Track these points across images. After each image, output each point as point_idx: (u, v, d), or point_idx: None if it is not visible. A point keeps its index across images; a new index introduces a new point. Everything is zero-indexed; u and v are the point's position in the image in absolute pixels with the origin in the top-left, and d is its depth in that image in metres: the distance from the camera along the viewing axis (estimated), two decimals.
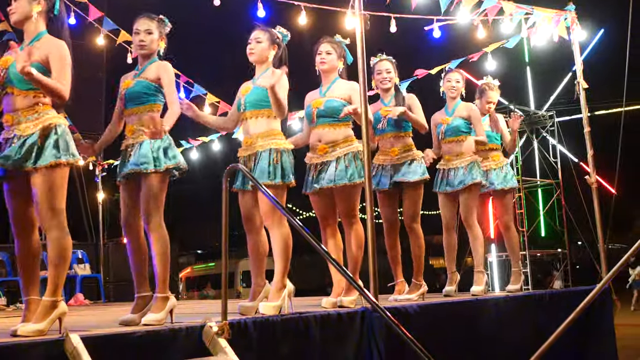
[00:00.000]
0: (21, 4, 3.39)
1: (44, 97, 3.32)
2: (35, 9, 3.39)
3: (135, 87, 3.75)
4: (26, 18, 3.41)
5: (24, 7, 3.39)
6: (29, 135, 3.23)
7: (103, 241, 11.29)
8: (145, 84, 3.73)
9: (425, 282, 5.26)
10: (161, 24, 3.89)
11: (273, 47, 4.29)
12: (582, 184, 13.08)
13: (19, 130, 3.26)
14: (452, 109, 5.65)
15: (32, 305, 3.28)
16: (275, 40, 4.31)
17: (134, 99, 3.75)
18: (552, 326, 4.19)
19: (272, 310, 3.83)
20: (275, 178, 4.00)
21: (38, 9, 3.40)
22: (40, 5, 3.41)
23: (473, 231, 5.52)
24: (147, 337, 3.02)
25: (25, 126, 3.26)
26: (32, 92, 3.30)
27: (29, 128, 3.25)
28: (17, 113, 3.29)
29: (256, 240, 4.21)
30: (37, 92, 3.30)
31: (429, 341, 3.31)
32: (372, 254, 4.08)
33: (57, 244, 3.22)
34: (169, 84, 3.75)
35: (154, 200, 3.59)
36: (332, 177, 4.40)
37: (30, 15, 3.40)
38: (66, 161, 3.26)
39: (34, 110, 3.29)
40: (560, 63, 13.27)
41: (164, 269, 3.60)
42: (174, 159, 3.67)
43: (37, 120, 3.27)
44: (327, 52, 4.61)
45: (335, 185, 4.39)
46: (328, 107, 4.50)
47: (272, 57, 4.30)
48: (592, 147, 6.02)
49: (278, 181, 4.01)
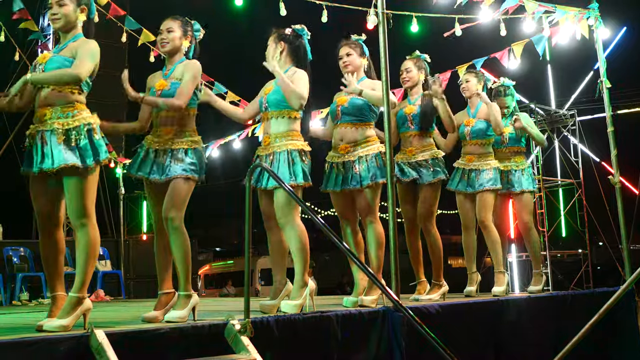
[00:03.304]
0: (67, 13, 3.47)
1: (78, 94, 3.38)
2: (80, 18, 3.51)
3: (171, 89, 3.75)
4: (71, 25, 3.50)
5: (71, 16, 3.49)
6: (58, 132, 3.27)
7: (124, 238, 11.38)
8: (177, 85, 3.75)
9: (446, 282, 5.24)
10: (185, 23, 3.92)
11: (280, 45, 4.29)
12: (603, 184, 12.99)
13: (45, 125, 3.30)
14: (475, 110, 5.63)
15: (59, 301, 3.33)
16: (290, 38, 4.31)
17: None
18: (575, 328, 4.16)
19: (294, 309, 3.84)
20: (290, 179, 4.00)
21: (83, 18, 3.52)
22: (84, 14, 3.52)
23: (490, 232, 5.48)
24: (171, 334, 3.04)
25: (55, 122, 3.30)
26: (68, 88, 3.35)
27: (58, 124, 3.29)
28: (55, 108, 3.33)
29: (277, 238, 4.22)
30: (73, 88, 3.36)
31: (450, 341, 3.30)
32: (394, 253, 4.07)
33: (86, 242, 3.26)
34: (189, 78, 3.75)
35: (180, 202, 3.62)
36: (357, 179, 4.41)
37: (76, 24, 3.51)
38: (96, 160, 3.31)
39: (72, 107, 3.34)
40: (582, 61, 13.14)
41: (187, 266, 3.62)
42: (205, 171, 3.76)
43: (73, 118, 3.31)
44: (347, 54, 4.65)
45: (359, 187, 4.40)
46: (351, 105, 4.52)
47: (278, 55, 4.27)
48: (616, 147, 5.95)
49: (297, 181, 4.02)
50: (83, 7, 3.51)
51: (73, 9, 3.48)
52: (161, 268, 3.76)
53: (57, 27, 3.52)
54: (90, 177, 3.31)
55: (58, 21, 3.48)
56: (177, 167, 3.66)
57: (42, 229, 3.42)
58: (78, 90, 3.39)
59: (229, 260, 23.06)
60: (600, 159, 14.67)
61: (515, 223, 8.63)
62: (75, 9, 3.49)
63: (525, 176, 5.80)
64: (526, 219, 5.84)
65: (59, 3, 3.46)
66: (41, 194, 3.40)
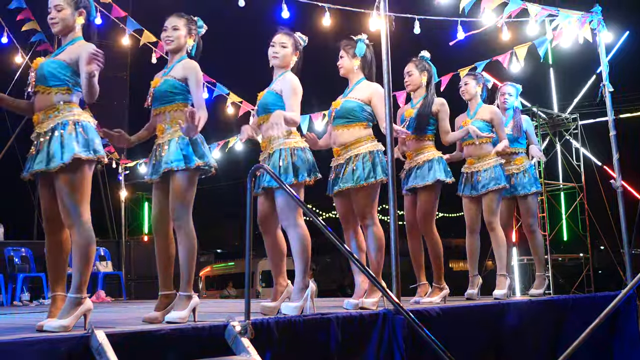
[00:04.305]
0: (64, 16, 3.49)
1: (68, 94, 3.38)
2: (78, 22, 3.52)
3: (162, 86, 3.76)
4: (69, 29, 3.52)
5: (68, 19, 3.50)
6: (48, 133, 3.29)
7: (125, 239, 11.40)
8: (172, 82, 3.74)
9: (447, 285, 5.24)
10: (190, 21, 3.92)
11: (296, 54, 4.30)
12: (605, 188, 12.97)
13: (40, 128, 3.33)
14: (474, 111, 5.63)
15: (59, 302, 3.33)
16: (299, 46, 4.32)
17: (160, 97, 3.77)
18: (576, 331, 4.16)
19: (294, 311, 3.84)
20: (287, 178, 3.98)
21: (81, 21, 3.53)
22: (82, 17, 3.53)
23: (496, 234, 5.47)
24: (171, 335, 3.04)
25: (46, 124, 3.32)
26: (55, 89, 3.36)
27: (48, 126, 3.31)
28: (42, 112, 3.37)
29: (273, 240, 4.21)
30: (60, 89, 3.36)
31: (451, 344, 3.30)
32: (395, 255, 4.07)
33: (78, 242, 3.26)
34: (196, 87, 3.73)
35: (182, 198, 3.61)
36: (346, 179, 4.38)
37: (74, 27, 3.52)
38: (86, 157, 3.28)
39: (55, 108, 3.36)
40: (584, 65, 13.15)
41: (190, 268, 3.62)
42: (204, 157, 3.67)
43: (56, 118, 3.33)
44: (340, 57, 4.63)
45: (346, 187, 4.38)
46: (343, 107, 4.50)
47: (293, 63, 4.30)
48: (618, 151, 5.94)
49: (291, 180, 4.00)
50: (81, 11, 3.52)
51: (70, 13, 3.50)
52: (162, 269, 3.76)
53: (56, 31, 3.55)
54: (77, 174, 3.27)
55: (56, 25, 3.51)
56: (161, 161, 3.63)
57: (47, 229, 3.44)
58: (65, 90, 3.38)
59: (230, 262, 23.08)
60: (602, 163, 14.66)
61: (517, 226, 8.61)
62: (72, 12, 3.50)
63: (527, 177, 5.78)
64: (530, 222, 5.83)
65: (56, 8, 3.48)
66: (45, 195, 3.43)
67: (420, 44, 5.66)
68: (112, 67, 10.23)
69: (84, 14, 3.54)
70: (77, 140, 3.29)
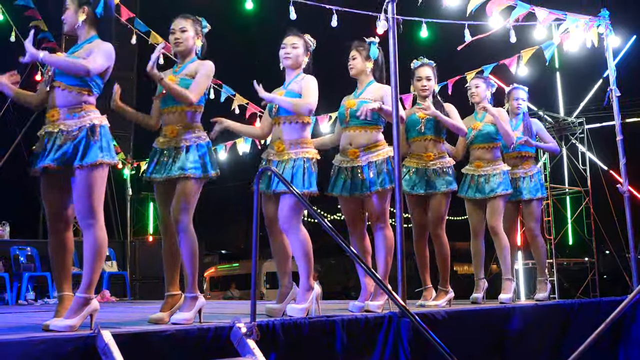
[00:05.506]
0: (69, 15, 3.57)
1: (88, 95, 3.40)
2: (80, 18, 3.55)
3: (180, 84, 3.76)
4: (75, 27, 3.58)
5: (72, 17, 3.57)
6: (72, 133, 3.30)
7: (130, 239, 11.41)
8: (187, 82, 3.76)
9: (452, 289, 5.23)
10: (196, 22, 3.94)
11: (307, 55, 4.32)
12: (611, 192, 12.92)
13: (64, 126, 3.33)
14: (483, 114, 5.62)
15: (65, 301, 3.34)
16: (309, 47, 4.34)
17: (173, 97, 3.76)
18: (582, 336, 4.15)
19: (300, 313, 3.84)
20: (304, 187, 4.01)
21: (83, 17, 3.56)
22: (84, 14, 3.55)
23: (500, 239, 5.46)
24: (177, 335, 3.05)
25: (72, 123, 3.33)
26: (77, 88, 3.38)
27: (74, 125, 3.32)
28: (64, 109, 3.37)
29: (280, 242, 4.22)
30: (82, 89, 3.38)
31: (456, 347, 3.29)
32: (401, 259, 4.07)
33: (93, 243, 3.28)
34: (199, 76, 3.77)
35: (187, 203, 3.63)
36: (367, 185, 4.39)
37: (78, 24, 3.56)
38: (108, 161, 3.34)
39: (80, 108, 3.37)
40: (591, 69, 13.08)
41: (194, 268, 3.63)
42: (215, 168, 3.75)
43: (82, 119, 3.34)
44: (352, 58, 4.64)
45: (368, 193, 4.39)
46: (360, 108, 4.50)
47: (305, 64, 4.32)
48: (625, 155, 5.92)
49: (310, 189, 4.05)
50: (84, 8, 3.56)
51: (74, 10, 3.56)
52: (168, 269, 3.77)
53: (66, 31, 3.66)
54: (97, 177, 3.31)
55: (65, 25, 3.61)
56: (176, 166, 3.66)
57: (51, 228, 3.45)
58: (88, 92, 3.42)
59: (235, 263, 23.07)
60: (608, 168, 14.60)
61: (522, 230, 8.59)
62: (76, 9, 3.56)
63: (534, 183, 5.78)
64: (533, 226, 5.82)
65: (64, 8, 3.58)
66: (50, 193, 3.43)
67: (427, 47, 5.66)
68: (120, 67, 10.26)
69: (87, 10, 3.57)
70: (101, 144, 3.34)
